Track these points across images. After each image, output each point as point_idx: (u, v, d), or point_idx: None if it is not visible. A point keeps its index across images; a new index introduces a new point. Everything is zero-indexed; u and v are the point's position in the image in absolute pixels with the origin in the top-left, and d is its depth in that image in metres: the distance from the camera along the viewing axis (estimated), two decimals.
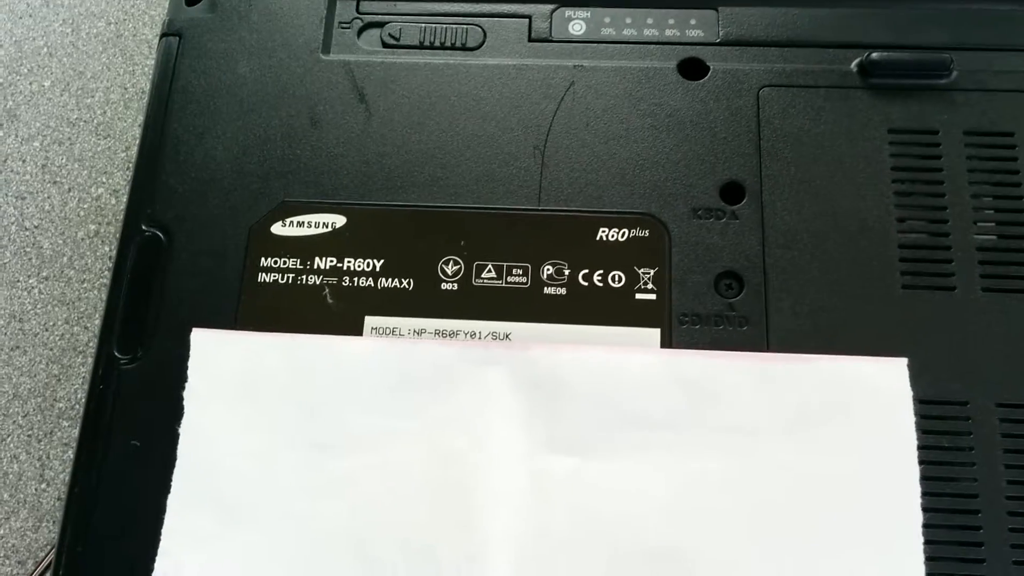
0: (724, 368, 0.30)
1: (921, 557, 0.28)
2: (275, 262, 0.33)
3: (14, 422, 0.39)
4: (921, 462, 0.29)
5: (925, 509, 0.29)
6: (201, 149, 0.34)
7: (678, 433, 0.30)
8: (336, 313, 0.32)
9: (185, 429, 0.30)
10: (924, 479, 0.29)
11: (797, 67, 0.35)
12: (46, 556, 0.36)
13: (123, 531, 0.30)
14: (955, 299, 0.31)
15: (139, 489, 0.30)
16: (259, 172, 0.34)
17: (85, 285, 0.40)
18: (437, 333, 0.32)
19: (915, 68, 0.34)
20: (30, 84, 0.44)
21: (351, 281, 0.32)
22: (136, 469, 0.31)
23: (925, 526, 0.28)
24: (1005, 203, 0.33)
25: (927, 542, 0.28)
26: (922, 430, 0.29)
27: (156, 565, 0.29)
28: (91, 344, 0.39)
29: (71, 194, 0.42)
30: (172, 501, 0.30)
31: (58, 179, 0.42)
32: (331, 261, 0.33)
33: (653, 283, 0.32)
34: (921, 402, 0.30)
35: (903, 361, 0.30)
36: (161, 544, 0.29)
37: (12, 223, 0.41)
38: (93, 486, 0.31)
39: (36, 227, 0.41)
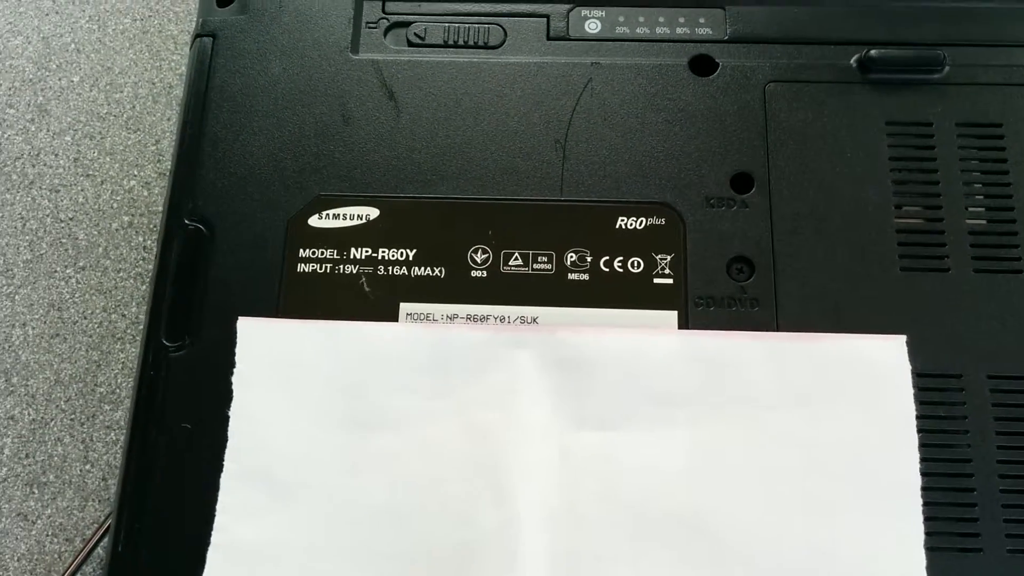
0: (737, 347, 0.32)
1: (920, 517, 0.30)
2: (313, 253, 0.34)
3: (57, 407, 0.40)
4: (919, 431, 0.31)
5: (923, 473, 0.30)
6: (239, 146, 0.36)
7: (696, 408, 0.32)
8: (373, 300, 0.34)
9: (234, 412, 0.32)
10: (922, 446, 0.31)
11: (801, 63, 0.36)
12: (93, 534, 0.38)
13: (178, 508, 0.32)
14: (949, 279, 0.33)
15: (192, 468, 0.32)
16: (295, 167, 0.35)
17: (121, 274, 0.42)
18: (469, 318, 0.33)
19: (910, 64, 0.36)
20: (59, 80, 0.45)
21: (386, 270, 0.34)
22: (188, 450, 0.32)
23: (924, 489, 0.30)
24: (994, 189, 0.34)
25: (926, 503, 0.30)
26: (920, 401, 0.31)
27: (212, 539, 0.31)
28: (129, 331, 0.41)
29: (104, 186, 0.43)
30: (225, 479, 0.31)
31: (90, 172, 0.44)
32: (366, 251, 0.34)
33: (670, 268, 0.34)
34: (919, 375, 0.32)
35: (902, 338, 0.32)
36: (216, 519, 0.31)
37: (47, 215, 0.43)
38: (147, 466, 0.32)
39: (71, 219, 0.43)
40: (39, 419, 0.40)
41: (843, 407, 0.32)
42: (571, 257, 0.34)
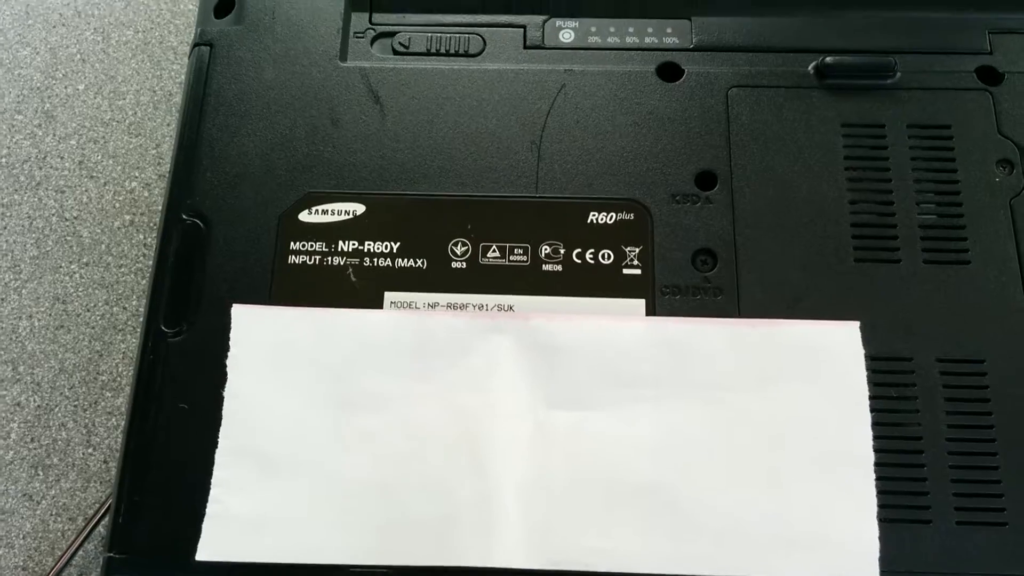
0: (701, 332, 0.34)
1: (873, 490, 0.32)
2: (303, 246, 0.36)
3: (61, 394, 0.42)
4: (873, 410, 0.32)
5: (876, 450, 0.32)
6: (234, 146, 0.38)
7: (662, 389, 0.33)
8: (359, 290, 0.35)
9: (228, 393, 0.33)
10: (875, 424, 0.32)
11: (761, 70, 0.38)
12: (95, 513, 0.39)
13: (175, 482, 0.33)
14: (900, 270, 0.35)
15: (188, 446, 0.33)
16: (286, 167, 0.37)
17: (123, 270, 0.44)
18: (449, 306, 0.35)
19: (864, 70, 0.38)
20: (65, 88, 0.47)
21: (371, 261, 0.36)
22: (185, 429, 0.34)
23: (877, 464, 0.32)
24: (943, 186, 0.36)
25: (879, 478, 0.32)
26: (873, 383, 0.33)
27: (207, 510, 0.32)
28: (129, 323, 0.43)
29: (107, 187, 0.45)
30: (219, 455, 0.33)
31: (94, 174, 0.46)
32: (353, 244, 0.36)
33: (638, 260, 0.36)
34: (872, 359, 0.33)
35: (856, 324, 0.34)
36: (211, 492, 0.32)
37: (53, 214, 0.45)
38: (147, 443, 0.33)
39: (75, 218, 0.45)
40: (44, 405, 0.42)
41: (800, 388, 0.33)
42: (545, 249, 0.36)
